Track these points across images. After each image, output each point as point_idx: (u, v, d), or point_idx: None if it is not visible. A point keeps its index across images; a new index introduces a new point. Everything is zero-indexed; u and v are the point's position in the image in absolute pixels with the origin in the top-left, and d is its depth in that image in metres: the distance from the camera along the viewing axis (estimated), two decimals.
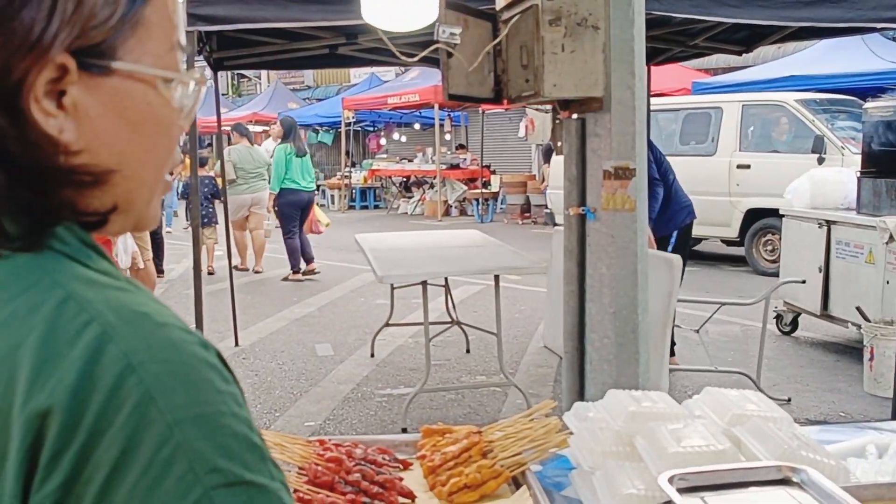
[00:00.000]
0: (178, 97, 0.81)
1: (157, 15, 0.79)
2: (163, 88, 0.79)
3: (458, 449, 2.09)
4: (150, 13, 0.78)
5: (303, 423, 5.54)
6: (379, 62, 7.67)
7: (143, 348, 0.68)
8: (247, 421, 0.71)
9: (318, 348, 7.55)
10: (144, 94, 0.78)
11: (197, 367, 0.70)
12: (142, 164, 0.79)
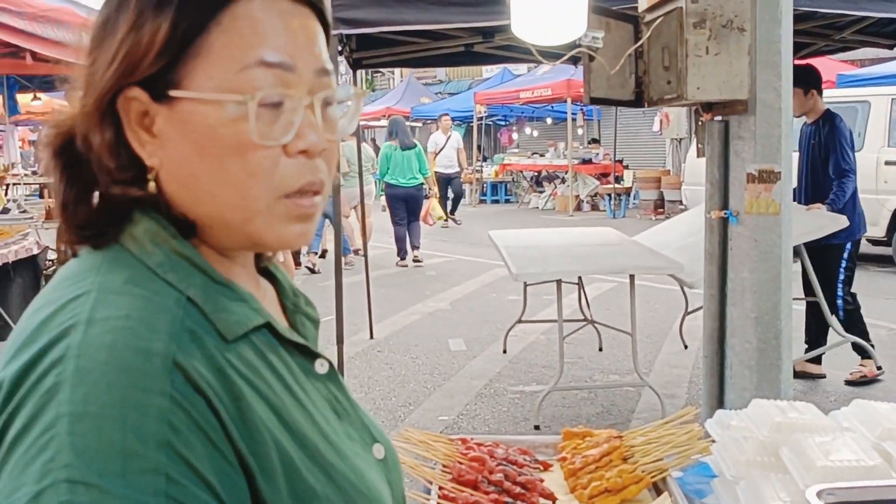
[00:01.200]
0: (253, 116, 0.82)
1: (224, 40, 0.83)
2: (234, 110, 0.83)
3: (599, 452, 2.12)
4: (215, 40, 0.83)
5: (436, 418, 5.64)
6: (514, 59, 7.70)
7: (83, 345, 0.74)
8: (137, 430, 0.70)
9: (451, 343, 7.65)
10: (206, 117, 0.83)
11: (114, 372, 0.72)
12: (216, 183, 0.84)
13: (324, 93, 0.87)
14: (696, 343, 7.18)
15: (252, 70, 0.83)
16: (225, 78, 0.82)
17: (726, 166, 3.22)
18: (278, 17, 0.84)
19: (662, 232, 7.19)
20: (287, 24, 0.85)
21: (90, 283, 0.81)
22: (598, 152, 21.57)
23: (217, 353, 0.80)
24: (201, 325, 0.81)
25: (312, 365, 0.94)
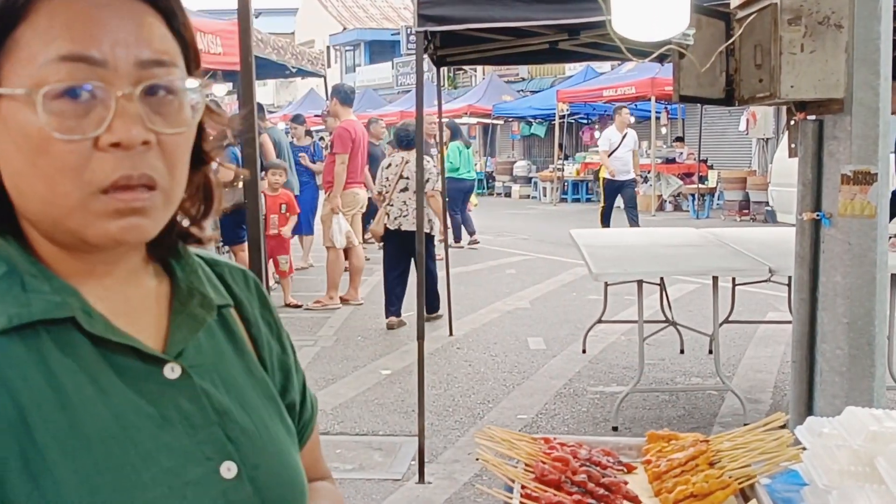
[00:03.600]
0: (40, 108, 0.82)
1: (29, 35, 0.82)
2: (39, 104, 0.82)
3: (685, 457, 2.08)
4: (21, 36, 0.83)
5: (515, 416, 5.63)
6: (599, 57, 7.64)
7: None
8: None
9: (531, 342, 7.63)
10: (16, 114, 0.83)
11: None
12: (32, 180, 0.85)
13: (148, 83, 0.85)
14: (781, 347, 7.03)
15: (53, 64, 0.81)
16: (29, 74, 0.82)
17: (819, 167, 3.14)
18: (85, 11, 0.82)
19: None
20: (95, 17, 0.82)
21: None
22: (681, 151, 21.25)
23: None
24: None
25: (161, 368, 0.91)
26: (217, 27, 7.67)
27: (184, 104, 0.88)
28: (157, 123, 0.85)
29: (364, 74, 39.96)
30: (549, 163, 25.23)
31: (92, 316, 0.89)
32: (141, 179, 0.85)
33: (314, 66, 11.99)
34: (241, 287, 1.08)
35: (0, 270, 0.88)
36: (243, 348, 1.02)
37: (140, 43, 0.84)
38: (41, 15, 0.81)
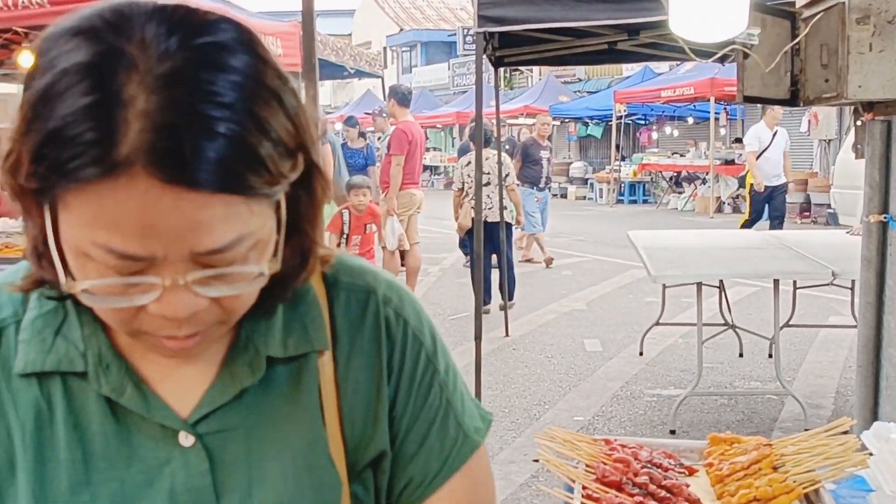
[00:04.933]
0: (78, 291, 0.79)
1: (79, 205, 0.74)
2: (79, 291, 0.79)
3: (748, 460, 2.06)
4: (75, 197, 0.74)
5: (571, 418, 5.61)
6: (658, 57, 7.58)
7: None
8: None
9: (587, 343, 7.59)
10: (66, 243, 0.80)
11: None
12: None
13: (201, 273, 0.77)
14: (843, 352, 6.91)
15: (100, 249, 0.75)
16: (77, 236, 0.76)
17: (887, 169, 3.08)
18: (137, 207, 0.72)
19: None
20: (147, 215, 0.73)
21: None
22: (741, 153, 20.96)
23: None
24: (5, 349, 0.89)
25: (177, 434, 0.88)
26: (277, 29, 7.75)
27: (251, 272, 0.81)
28: (214, 290, 0.79)
29: (420, 75, 40.08)
30: (605, 164, 25.06)
31: (107, 373, 0.87)
32: (188, 337, 0.82)
33: (372, 67, 12.07)
34: (353, 316, 0.96)
35: (49, 305, 0.89)
36: (305, 403, 0.93)
37: (197, 237, 0.75)
38: (87, 195, 0.73)
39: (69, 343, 0.87)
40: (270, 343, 0.91)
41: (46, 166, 0.72)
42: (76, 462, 0.86)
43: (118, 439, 0.87)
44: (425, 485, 0.98)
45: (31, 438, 0.87)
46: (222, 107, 0.72)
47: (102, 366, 0.87)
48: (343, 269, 0.98)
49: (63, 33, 0.75)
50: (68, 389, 0.88)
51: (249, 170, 0.74)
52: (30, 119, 0.73)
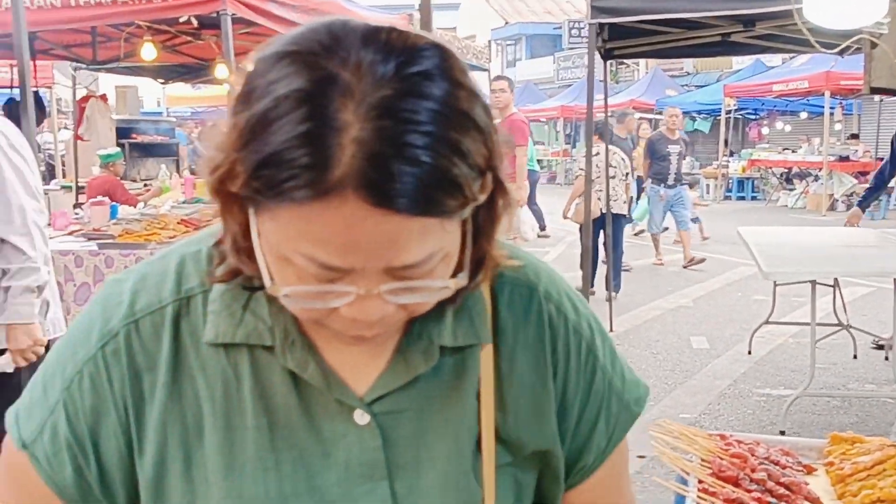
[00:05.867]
0: (280, 295, 0.85)
1: (287, 216, 0.78)
2: (281, 294, 0.85)
3: (872, 461, 2.01)
4: (285, 211, 0.78)
5: (678, 415, 5.53)
6: (772, 49, 7.41)
7: None
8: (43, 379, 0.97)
9: (694, 340, 7.47)
10: (264, 247, 0.86)
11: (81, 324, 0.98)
12: None
13: (395, 285, 0.82)
14: None
15: (302, 257, 0.80)
16: (280, 245, 0.81)
17: None
18: (343, 225, 0.76)
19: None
20: (351, 233, 0.77)
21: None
22: (856, 149, 20.26)
23: (186, 344, 0.94)
24: (194, 318, 0.94)
25: (352, 412, 0.93)
26: (388, 22, 7.85)
27: (438, 285, 0.85)
28: (404, 298, 0.84)
29: (524, 69, 39.94)
30: (713, 159, 24.53)
31: (293, 349, 0.92)
32: (376, 334, 0.88)
33: (479, 60, 12.08)
34: (517, 312, 1.01)
35: (238, 279, 0.93)
36: (465, 392, 0.97)
37: (393, 254, 0.79)
38: (299, 211, 0.77)
39: (257, 318, 0.92)
40: (442, 333, 0.95)
41: (263, 183, 0.77)
42: (261, 429, 0.92)
43: (299, 411, 0.93)
44: (596, 463, 1.06)
45: (220, 405, 0.93)
46: (425, 135, 0.75)
47: (288, 342, 0.92)
48: (507, 264, 1.00)
49: (280, 56, 0.78)
50: (255, 361, 0.93)
51: (447, 194, 0.77)
52: (247, 139, 0.77)
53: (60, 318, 3.46)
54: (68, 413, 0.94)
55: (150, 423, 0.93)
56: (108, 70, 10.39)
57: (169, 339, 0.93)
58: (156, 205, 8.29)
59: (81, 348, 0.95)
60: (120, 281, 0.98)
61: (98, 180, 8.82)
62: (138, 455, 0.94)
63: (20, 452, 0.96)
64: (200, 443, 0.93)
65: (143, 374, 0.93)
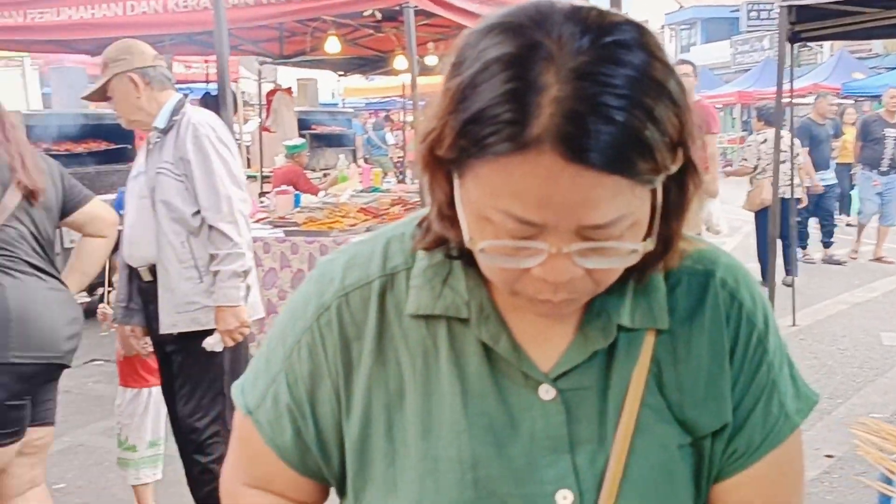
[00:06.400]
0: (476, 250, 0.90)
1: (486, 172, 0.83)
2: (477, 248, 0.90)
3: None
4: (483, 166, 0.83)
5: (867, 414, 5.26)
6: None
7: None
8: (266, 352, 1.09)
9: (884, 336, 7.10)
10: (466, 208, 0.91)
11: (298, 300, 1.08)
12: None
13: (585, 245, 0.85)
14: None
15: (498, 212, 0.84)
16: (481, 203, 0.86)
17: None
18: (540, 179, 0.81)
19: None
20: (547, 188, 0.81)
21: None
22: None
23: (390, 315, 1.01)
24: (398, 292, 1.02)
25: (538, 386, 0.98)
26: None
27: (626, 248, 0.88)
28: (592, 262, 0.87)
29: (699, 54, 38.80)
30: None
31: (487, 322, 0.99)
32: (561, 302, 0.91)
33: None
34: (693, 299, 1.03)
35: (437, 257, 1.01)
36: (637, 372, 0.99)
37: (586, 211, 0.83)
38: (499, 166, 0.82)
39: (455, 292, 1.00)
40: (621, 313, 0.99)
41: (468, 140, 0.83)
42: (455, 395, 0.98)
43: (490, 381, 0.99)
44: (746, 456, 1.04)
45: (420, 372, 1.00)
46: (619, 97, 0.80)
47: (483, 315, 0.99)
48: (687, 252, 1.02)
49: (490, 28, 0.85)
50: (451, 332, 1.00)
51: (638, 155, 0.81)
52: (457, 101, 0.83)
53: (259, 302, 3.65)
54: (288, 380, 1.05)
55: (357, 387, 1.02)
56: (294, 64, 10.81)
57: (375, 311, 1.02)
58: (335, 193, 8.59)
59: (300, 320, 1.05)
60: (332, 261, 1.08)
61: (282, 170, 9.21)
62: (346, 417, 1.03)
63: (246, 418, 1.08)
64: (401, 406, 1.00)
65: (352, 343, 1.02)
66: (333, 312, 1.03)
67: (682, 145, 0.86)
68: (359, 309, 1.02)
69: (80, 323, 3.16)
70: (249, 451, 1.10)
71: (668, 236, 0.94)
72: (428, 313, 1.00)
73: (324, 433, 1.04)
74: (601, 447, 0.97)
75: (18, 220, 2.94)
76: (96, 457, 4.96)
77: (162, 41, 6.85)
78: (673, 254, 0.97)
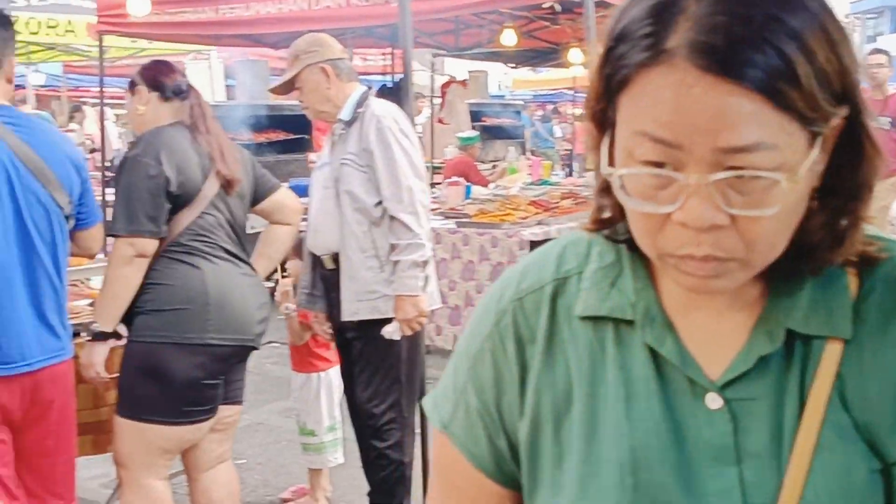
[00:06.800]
0: (617, 184, 0.88)
1: (626, 104, 0.85)
2: (616, 181, 0.89)
3: None
4: (624, 103, 0.86)
5: None
6: None
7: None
8: (454, 364, 1.10)
9: None
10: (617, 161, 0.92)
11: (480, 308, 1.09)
12: (630, 223, 0.94)
13: (724, 174, 0.81)
14: None
15: (637, 137, 0.84)
16: (623, 137, 0.86)
17: None
18: (672, 92, 0.80)
19: None
20: (678, 101, 0.80)
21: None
22: None
23: (561, 318, 1.01)
24: (569, 296, 1.01)
25: (704, 394, 0.93)
26: None
27: (774, 186, 0.82)
28: (736, 205, 0.82)
29: (887, 43, 36.72)
30: None
31: (652, 325, 0.96)
32: (705, 258, 0.85)
33: None
34: (888, 308, 0.93)
35: (608, 260, 1.01)
36: (814, 384, 0.92)
37: (721, 130, 0.80)
38: (636, 87, 0.84)
39: (622, 294, 0.99)
40: (793, 316, 0.92)
41: (611, 66, 0.86)
42: (619, 399, 0.96)
43: (655, 385, 0.95)
44: None
45: (586, 374, 0.99)
46: (764, 16, 0.79)
47: (649, 317, 0.97)
48: (884, 257, 0.94)
49: None
50: (618, 334, 0.98)
51: (780, 77, 0.79)
52: (608, 38, 0.87)
53: (437, 292, 3.69)
54: (476, 388, 1.06)
55: (529, 389, 1.02)
56: (470, 56, 10.89)
57: (546, 314, 1.02)
58: (505, 186, 8.61)
59: (482, 328, 1.07)
60: (512, 268, 1.10)
61: (454, 161, 9.31)
62: (519, 417, 1.03)
63: (441, 434, 1.09)
64: (568, 409, 0.99)
65: (526, 345, 1.03)
66: (510, 317, 1.04)
67: (848, 102, 0.83)
68: (532, 312, 1.03)
69: (269, 307, 3.29)
70: (449, 464, 1.10)
71: (841, 218, 0.89)
72: (594, 314, 0.99)
73: (512, 436, 1.05)
74: (772, 464, 0.90)
75: (216, 208, 3.07)
76: (275, 435, 5.17)
77: (343, 34, 7.01)
78: (853, 243, 0.90)
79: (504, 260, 6.12)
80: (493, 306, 1.07)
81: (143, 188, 2.91)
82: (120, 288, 2.93)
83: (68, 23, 10.87)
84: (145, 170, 2.92)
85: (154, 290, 2.97)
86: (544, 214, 6.77)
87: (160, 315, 2.96)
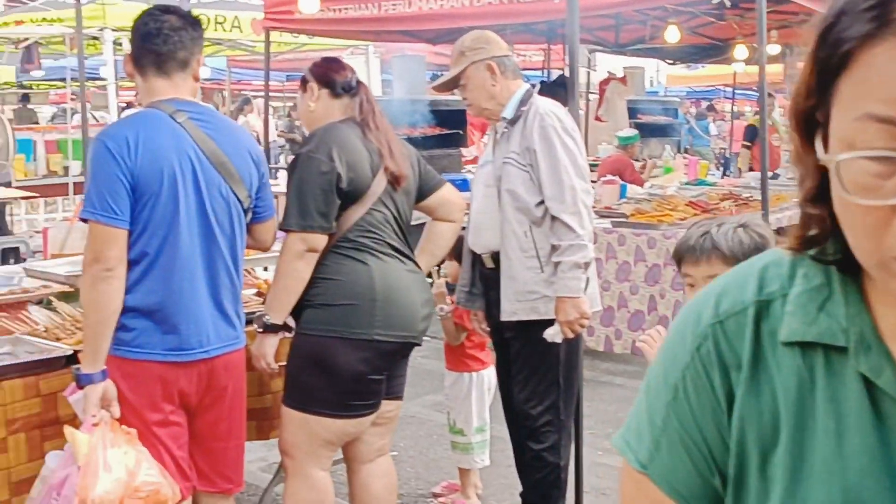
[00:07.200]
0: (834, 172, 0.80)
1: (847, 87, 0.78)
2: (833, 168, 0.80)
3: None
4: (843, 88, 0.78)
5: None
6: None
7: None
8: (647, 397, 1.03)
9: None
10: (829, 160, 0.82)
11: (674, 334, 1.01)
12: (843, 226, 0.84)
13: None
14: None
15: (861, 122, 0.76)
16: (841, 128, 0.79)
17: None
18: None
19: None
20: None
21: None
22: None
23: (765, 343, 0.93)
24: (773, 320, 0.93)
25: None
26: None
27: None
28: None
29: None
30: None
31: (868, 353, 0.87)
32: None
33: None
34: None
35: (816, 282, 0.92)
36: None
37: None
38: (860, 67, 0.77)
39: (832, 318, 0.90)
40: None
41: (826, 50, 0.79)
42: (829, 433, 0.89)
43: (871, 418, 0.88)
44: None
45: (793, 404, 0.91)
46: None
47: (864, 345, 0.88)
48: None
49: None
50: (828, 362, 0.90)
51: None
52: (820, 29, 0.81)
53: (597, 294, 3.64)
54: (679, 420, 0.98)
55: (733, 419, 0.94)
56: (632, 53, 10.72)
57: (750, 338, 0.94)
58: (662, 185, 8.43)
59: (679, 357, 0.99)
60: (702, 293, 1.01)
61: (610, 159, 9.18)
62: (726, 451, 0.95)
63: (640, 475, 1.01)
64: (775, 440, 0.92)
65: (732, 372, 0.94)
66: (711, 342, 0.96)
67: None
68: (735, 335, 0.95)
69: (432, 304, 3.31)
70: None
71: None
72: (800, 339, 0.91)
73: (724, 473, 0.97)
74: None
75: (384, 204, 3.11)
76: (426, 429, 5.23)
77: (503, 30, 7.01)
78: None
79: (660, 261, 5.98)
80: (690, 332, 0.98)
81: (315, 184, 2.98)
82: (291, 281, 3.01)
83: (235, 18, 11.27)
84: (318, 166, 2.98)
85: (323, 285, 3.03)
86: (703, 216, 6.58)
87: (329, 309, 3.02)
